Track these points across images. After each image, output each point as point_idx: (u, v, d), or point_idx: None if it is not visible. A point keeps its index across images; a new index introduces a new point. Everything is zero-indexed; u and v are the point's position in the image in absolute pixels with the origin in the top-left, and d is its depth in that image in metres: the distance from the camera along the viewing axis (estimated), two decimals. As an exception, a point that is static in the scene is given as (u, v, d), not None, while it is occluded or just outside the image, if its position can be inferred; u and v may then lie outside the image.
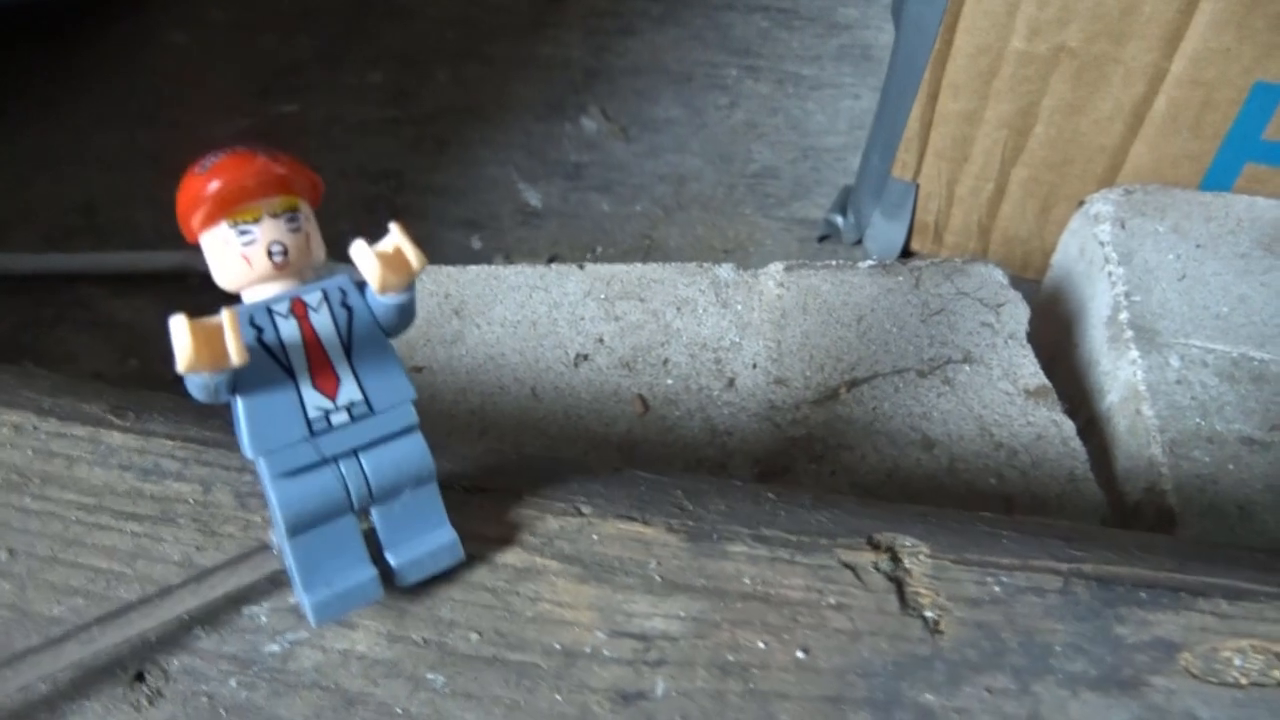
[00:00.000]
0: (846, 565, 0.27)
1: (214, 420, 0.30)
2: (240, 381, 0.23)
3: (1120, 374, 0.48)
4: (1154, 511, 0.43)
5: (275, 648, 0.25)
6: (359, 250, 0.23)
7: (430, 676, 0.25)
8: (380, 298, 0.24)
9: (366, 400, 0.24)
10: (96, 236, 0.75)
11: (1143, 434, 0.45)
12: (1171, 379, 0.46)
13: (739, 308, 0.48)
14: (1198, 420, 0.45)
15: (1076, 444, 0.44)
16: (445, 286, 0.48)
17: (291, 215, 0.23)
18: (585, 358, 0.46)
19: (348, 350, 0.24)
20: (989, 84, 0.60)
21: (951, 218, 0.67)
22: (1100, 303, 0.51)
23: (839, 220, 0.71)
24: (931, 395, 0.45)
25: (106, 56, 0.89)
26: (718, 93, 0.85)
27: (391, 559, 0.25)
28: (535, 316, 0.47)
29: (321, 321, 0.24)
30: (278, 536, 0.25)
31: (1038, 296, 0.59)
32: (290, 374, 0.23)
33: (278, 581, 0.26)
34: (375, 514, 0.25)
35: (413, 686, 0.25)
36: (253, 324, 0.23)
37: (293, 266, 0.24)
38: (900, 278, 0.49)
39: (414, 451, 0.25)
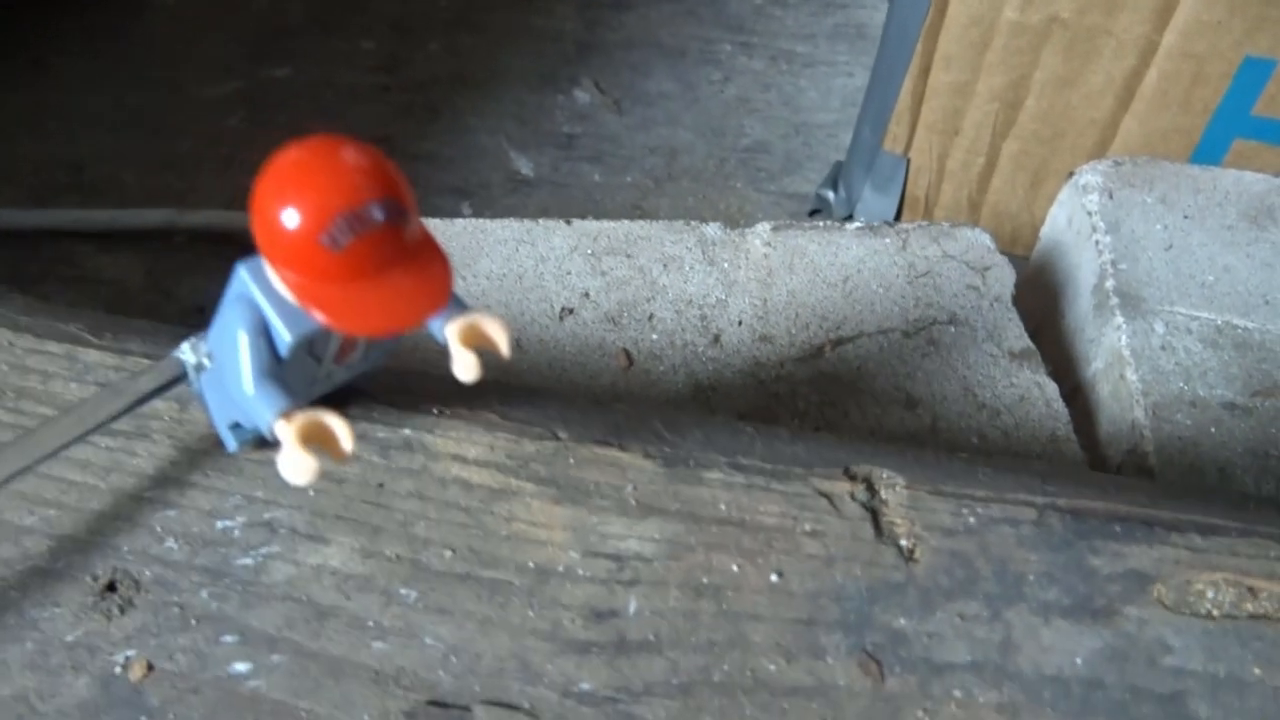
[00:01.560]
0: (822, 494, 0.27)
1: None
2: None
3: (1105, 340, 0.48)
4: (1135, 472, 0.43)
5: (248, 560, 0.25)
6: (459, 354, 0.22)
7: (403, 591, 0.25)
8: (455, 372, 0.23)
9: (365, 356, 0.25)
10: (83, 194, 0.74)
11: (1126, 398, 0.45)
12: (1156, 345, 0.46)
13: (726, 266, 0.48)
14: (1180, 385, 0.45)
15: (1059, 406, 0.44)
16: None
17: None
18: (570, 311, 0.46)
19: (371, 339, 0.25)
20: (981, 56, 0.60)
21: (942, 192, 0.67)
22: (1087, 271, 0.51)
23: (830, 195, 0.71)
24: (916, 355, 0.45)
25: (98, 19, 0.89)
26: (711, 68, 0.85)
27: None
28: (521, 270, 0.47)
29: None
30: (210, 351, 0.24)
31: (1026, 269, 0.59)
32: (318, 359, 0.24)
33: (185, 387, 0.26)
34: None
35: (385, 601, 0.25)
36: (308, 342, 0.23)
37: None
38: (887, 240, 0.49)
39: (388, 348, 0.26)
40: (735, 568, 0.25)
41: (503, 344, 0.22)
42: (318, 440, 0.20)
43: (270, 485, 0.27)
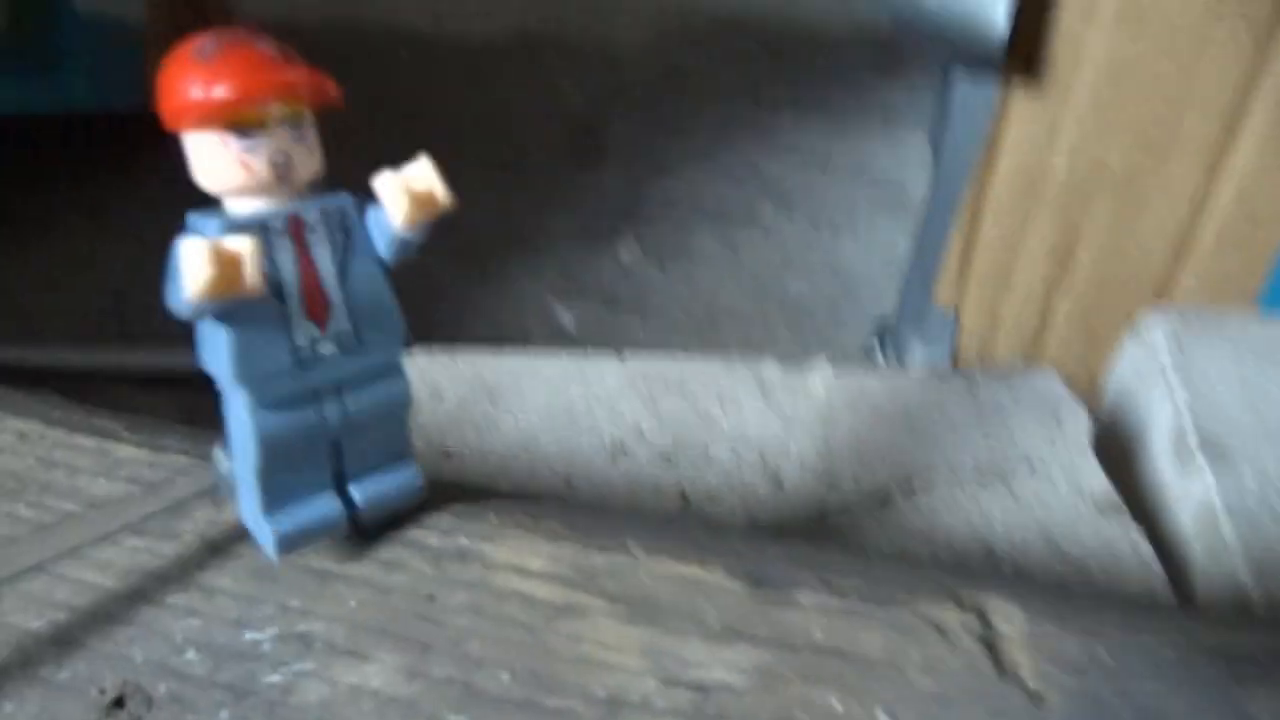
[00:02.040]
0: (930, 623, 0.24)
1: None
2: (228, 304, 0.20)
3: (1192, 494, 0.45)
4: (1244, 634, 0.39)
5: (276, 678, 0.22)
6: (386, 181, 0.21)
7: (453, 719, 0.21)
8: (395, 230, 0.22)
9: (356, 331, 0.22)
10: (123, 323, 0.74)
11: (1224, 554, 0.42)
12: (1250, 498, 0.43)
13: (785, 406, 0.46)
14: (1281, 539, 0.41)
15: (1155, 564, 0.41)
16: (479, 371, 0.47)
17: (297, 122, 0.21)
18: (624, 451, 0.44)
19: (342, 277, 0.22)
20: (1030, 208, 0.60)
21: (995, 346, 0.65)
22: (1162, 423, 0.49)
23: (878, 348, 0.70)
24: (993, 506, 0.42)
25: (155, 170, 0.92)
26: (752, 229, 0.86)
27: (355, 492, 0.24)
28: (572, 405, 0.45)
29: (318, 244, 0.22)
30: (230, 455, 0.23)
31: (1093, 426, 0.56)
32: (280, 297, 0.21)
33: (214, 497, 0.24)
34: (344, 446, 0.23)
35: (431, 729, 0.21)
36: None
37: (293, 179, 0.21)
38: (953, 384, 0.47)
39: (397, 388, 0.23)
40: (837, 703, 0.22)
41: (439, 191, 0.22)
42: (232, 267, 0.19)
43: (307, 594, 0.24)
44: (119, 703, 0.22)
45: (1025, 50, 0.56)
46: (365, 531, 0.24)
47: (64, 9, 0.77)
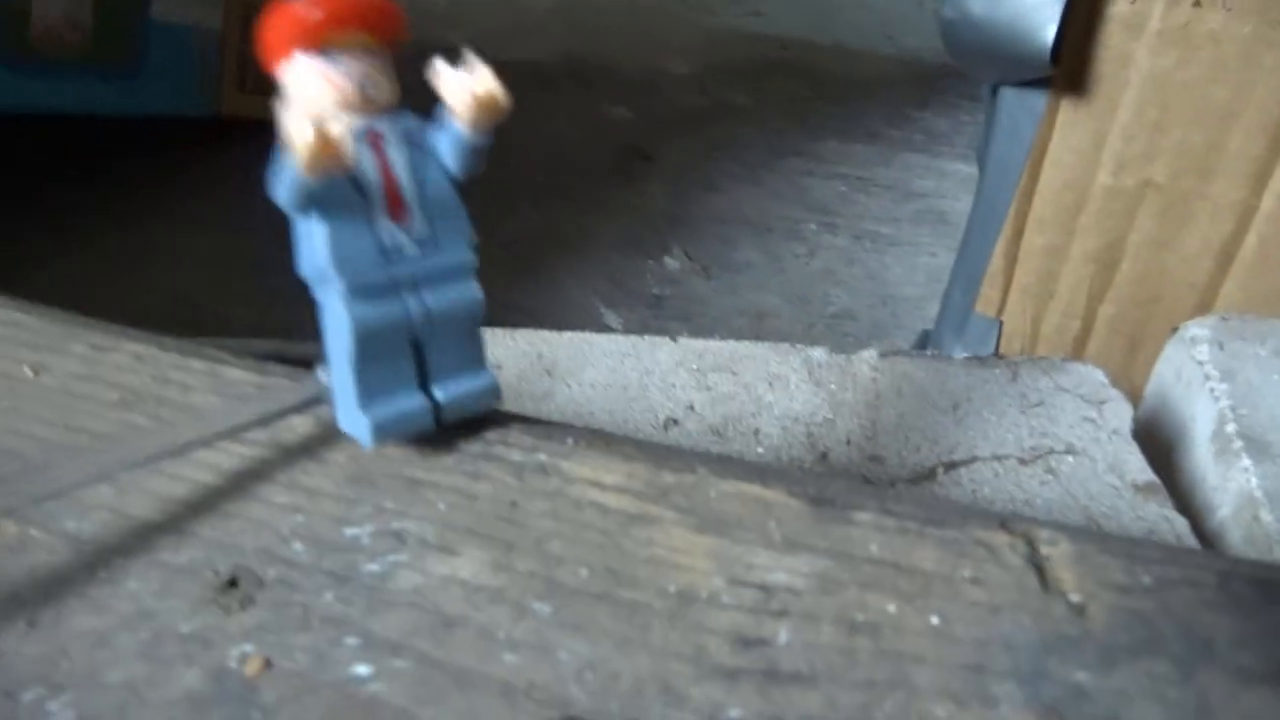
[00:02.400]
0: (980, 543, 0.25)
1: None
2: (320, 200, 0.23)
3: (1232, 485, 0.46)
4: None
5: (375, 567, 0.24)
6: (446, 74, 0.24)
7: (536, 606, 0.23)
8: (459, 132, 0.24)
9: (431, 231, 0.25)
10: (192, 329, 0.77)
11: (1262, 541, 0.43)
12: (1288, 487, 0.44)
13: (832, 387, 0.47)
14: (1321, 528, 0.42)
15: (1191, 540, 0.42)
16: (538, 347, 0.49)
17: (376, 51, 0.24)
18: (675, 422, 0.46)
19: (416, 182, 0.25)
20: (1075, 219, 0.61)
21: (1036, 353, 0.66)
22: (1203, 420, 0.50)
23: (918, 356, 0.71)
24: (1034, 483, 0.44)
25: (221, 173, 0.95)
26: (796, 243, 0.88)
27: (438, 393, 0.26)
28: (626, 381, 0.47)
29: (395, 153, 0.25)
30: (328, 367, 0.26)
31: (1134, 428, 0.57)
32: (364, 197, 0.24)
33: (316, 405, 0.27)
34: (426, 348, 0.26)
35: (517, 614, 0.23)
36: None
37: (373, 100, 0.24)
38: (997, 370, 0.48)
39: (470, 291, 0.26)
40: (892, 608, 0.23)
41: (498, 90, 0.24)
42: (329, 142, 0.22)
43: (401, 498, 0.26)
44: (233, 583, 0.24)
45: (1072, 65, 0.58)
46: (447, 429, 0.27)
47: (144, 18, 0.82)
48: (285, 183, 0.23)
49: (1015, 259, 0.64)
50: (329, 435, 0.27)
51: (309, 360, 0.75)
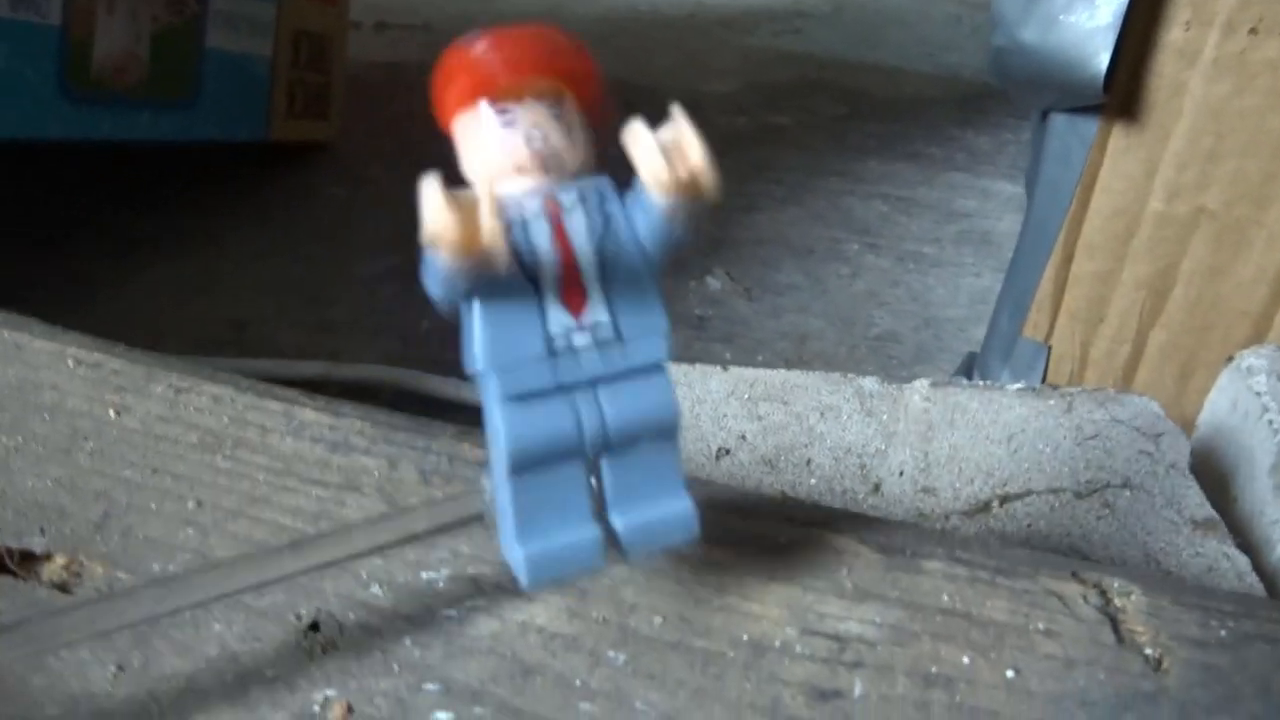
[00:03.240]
0: (1052, 593, 0.25)
1: (404, 409, 0.30)
2: (480, 283, 0.20)
3: (1291, 520, 0.45)
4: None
5: (452, 613, 0.24)
6: (642, 137, 0.20)
7: (611, 654, 0.23)
8: (654, 202, 0.20)
9: (615, 325, 0.21)
10: (242, 351, 0.78)
11: (1324, 579, 0.42)
12: (1351, 524, 0.43)
13: (884, 417, 0.47)
14: (1387, 566, 0.42)
15: (1253, 579, 0.41)
16: (591, 377, 0.49)
17: (556, 101, 0.21)
18: (727, 452, 0.46)
19: (600, 264, 0.21)
20: (1126, 245, 0.61)
21: (1085, 381, 0.66)
22: (1262, 453, 0.49)
23: (964, 382, 0.71)
24: (1090, 518, 0.43)
25: (273, 202, 0.97)
26: (839, 264, 0.88)
27: (618, 521, 0.22)
28: (678, 411, 0.48)
29: (576, 226, 0.21)
30: (491, 477, 0.22)
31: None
32: (534, 281, 0.20)
33: (479, 524, 0.24)
34: (605, 466, 0.21)
35: (593, 662, 0.23)
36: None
37: (551, 160, 0.21)
38: (1051, 401, 0.48)
39: (659, 394, 0.21)
40: (966, 660, 0.23)
41: (702, 162, 0.20)
42: (471, 219, 0.19)
43: (476, 543, 0.26)
44: (314, 627, 0.24)
45: (1124, 92, 0.58)
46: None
47: (199, 46, 0.83)
48: (432, 274, 0.19)
49: (1064, 284, 0.64)
50: (402, 478, 0.28)
51: (355, 385, 0.75)
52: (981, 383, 0.68)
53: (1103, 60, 0.54)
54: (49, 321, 0.32)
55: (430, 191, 0.19)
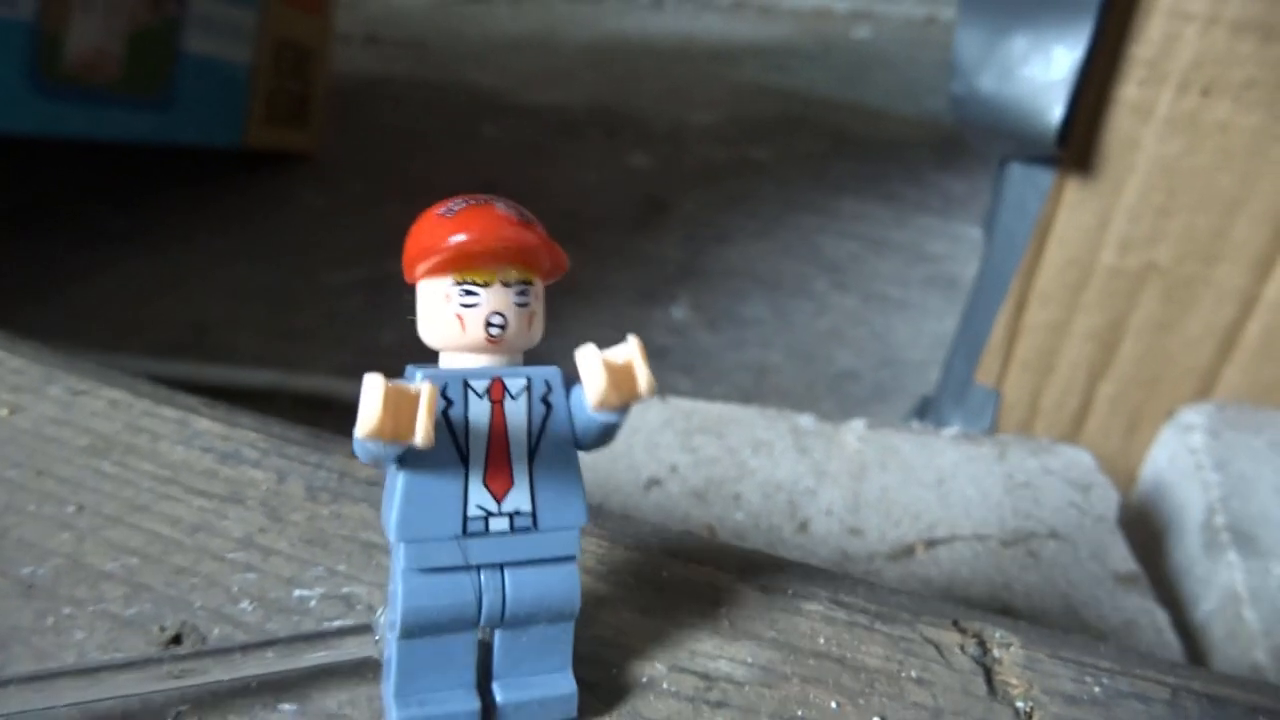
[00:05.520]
0: (929, 641, 0.25)
1: (301, 426, 0.30)
2: (409, 455, 0.20)
3: (1218, 579, 0.45)
4: (1260, 718, 0.39)
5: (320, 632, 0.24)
6: (588, 356, 0.20)
7: (474, 681, 0.23)
8: (593, 413, 0.21)
9: (534, 514, 0.21)
10: (202, 355, 0.78)
11: (1244, 640, 0.42)
12: (1274, 586, 0.43)
13: (817, 456, 0.47)
14: (1306, 631, 0.41)
15: (1171, 635, 0.41)
16: (528, 400, 0.49)
17: (523, 289, 0.21)
18: (657, 483, 0.46)
19: (531, 452, 0.21)
20: (1078, 296, 0.61)
21: (1034, 429, 0.66)
22: (1194, 509, 0.49)
23: (916, 424, 0.71)
24: (1014, 567, 0.43)
25: (247, 207, 0.97)
26: (805, 300, 0.88)
27: (500, 694, 0.22)
28: (612, 439, 0.47)
29: (515, 412, 0.21)
30: (387, 626, 0.22)
31: (1125, 512, 0.57)
32: (464, 461, 0.21)
33: (365, 671, 0.23)
34: (498, 637, 0.22)
35: (454, 689, 0.23)
36: (444, 394, 0.20)
37: (507, 343, 0.21)
38: (984, 448, 0.48)
39: (564, 584, 0.21)
40: (833, 705, 0.23)
41: (642, 377, 0.20)
42: (408, 413, 0.19)
43: (354, 562, 0.26)
44: (177, 639, 0.24)
45: (1079, 144, 0.58)
46: None
47: (176, 49, 0.84)
48: (359, 446, 0.19)
49: (1017, 332, 0.64)
50: (289, 493, 0.28)
51: (309, 397, 0.74)
52: (916, 425, 0.69)
53: (1057, 112, 0.54)
54: (7, 314, 0.32)
55: (370, 391, 0.19)
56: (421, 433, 0.19)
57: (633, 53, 1.54)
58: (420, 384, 0.19)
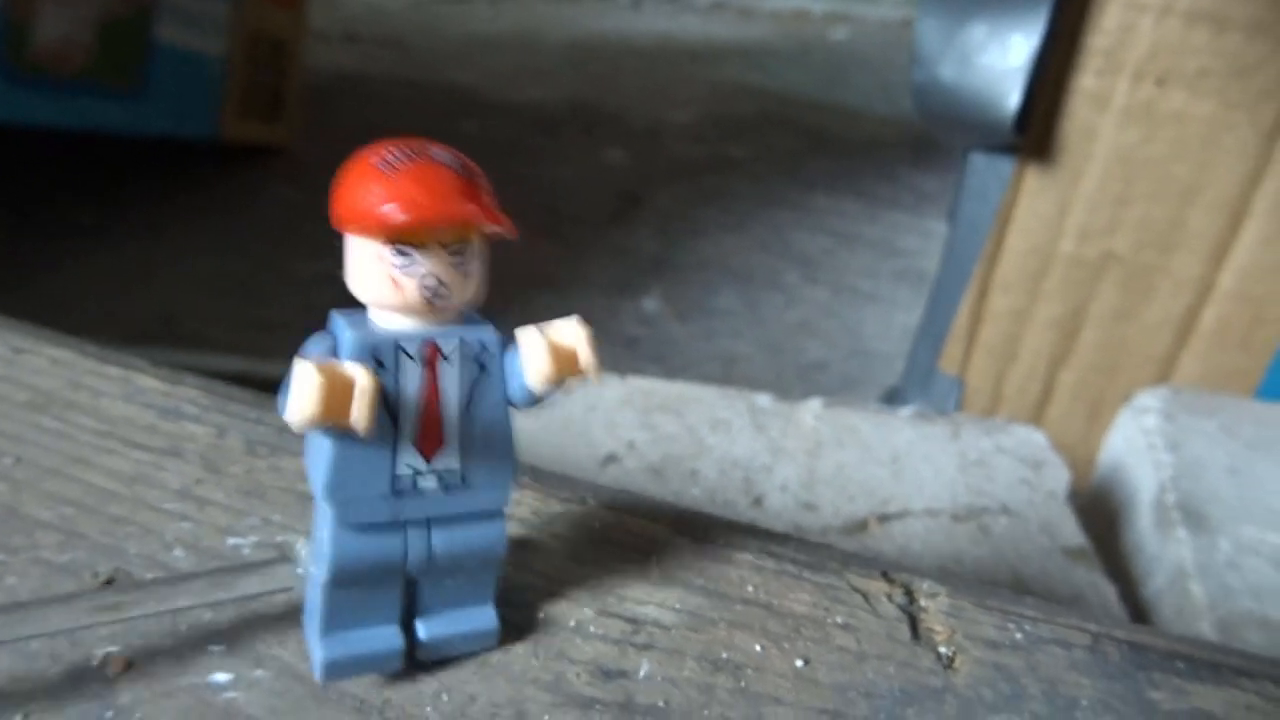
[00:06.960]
0: (857, 589, 0.25)
1: (249, 386, 0.30)
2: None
3: (1168, 555, 0.46)
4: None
5: (251, 578, 0.24)
6: (530, 337, 0.20)
7: (403, 625, 0.23)
8: (530, 384, 0.21)
9: (463, 472, 0.21)
10: (171, 344, 0.78)
11: (1191, 614, 0.42)
12: (1222, 561, 0.44)
13: (774, 434, 0.48)
14: (1250, 604, 0.42)
15: (1117, 608, 0.42)
16: (488, 379, 0.49)
17: (460, 249, 0.20)
18: (614, 459, 0.46)
19: (463, 412, 0.21)
20: (1038, 284, 0.62)
21: (998, 414, 0.67)
22: (1146, 489, 0.50)
23: (884, 412, 0.71)
24: (965, 541, 0.44)
25: (219, 198, 0.97)
26: (776, 292, 0.88)
27: (422, 630, 0.22)
28: (570, 415, 0.48)
29: (449, 373, 0.20)
30: (312, 567, 0.21)
31: (1083, 497, 0.57)
32: (394, 421, 0.20)
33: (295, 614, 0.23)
34: (422, 582, 0.22)
35: (383, 631, 0.23)
36: (376, 359, 0.20)
37: (441, 304, 0.20)
38: (939, 427, 0.48)
39: (490, 536, 0.22)
40: (758, 648, 0.24)
41: (586, 358, 0.20)
42: (343, 399, 0.18)
43: (289, 512, 0.26)
44: (109, 583, 0.24)
45: (1039, 134, 0.59)
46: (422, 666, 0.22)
47: (148, 39, 0.84)
48: (285, 413, 0.19)
49: (980, 320, 0.65)
50: (228, 446, 0.28)
51: (277, 383, 0.76)
52: (873, 405, 0.69)
53: (1014, 99, 0.55)
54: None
55: (304, 380, 0.18)
56: (363, 425, 0.18)
57: (612, 52, 1.55)
58: (354, 368, 0.19)
